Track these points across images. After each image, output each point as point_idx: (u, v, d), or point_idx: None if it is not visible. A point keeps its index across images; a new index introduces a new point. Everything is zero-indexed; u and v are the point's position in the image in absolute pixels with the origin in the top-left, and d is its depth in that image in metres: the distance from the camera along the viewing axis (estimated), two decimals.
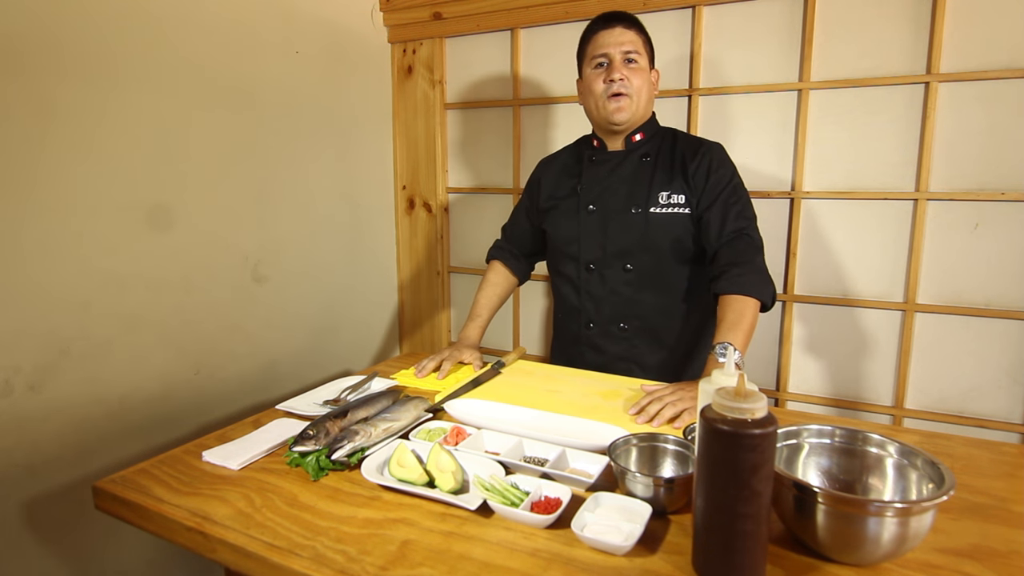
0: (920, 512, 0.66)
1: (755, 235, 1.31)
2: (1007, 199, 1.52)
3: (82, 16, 1.29)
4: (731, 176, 1.34)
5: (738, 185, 1.34)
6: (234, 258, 1.66)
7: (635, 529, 0.75)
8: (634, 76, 1.32)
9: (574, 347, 1.48)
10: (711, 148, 1.36)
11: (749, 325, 1.18)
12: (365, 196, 2.17)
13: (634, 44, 1.32)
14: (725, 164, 1.35)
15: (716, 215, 1.30)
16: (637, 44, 1.33)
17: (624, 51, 1.32)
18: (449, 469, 0.87)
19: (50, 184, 1.26)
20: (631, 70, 1.32)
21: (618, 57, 1.32)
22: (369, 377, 1.30)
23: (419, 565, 0.72)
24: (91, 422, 1.35)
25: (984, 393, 1.60)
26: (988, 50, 1.50)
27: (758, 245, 1.30)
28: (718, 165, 1.33)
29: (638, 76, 1.33)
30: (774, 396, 1.82)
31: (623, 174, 1.39)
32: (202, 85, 1.54)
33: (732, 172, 1.35)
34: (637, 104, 1.33)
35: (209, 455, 0.99)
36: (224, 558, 0.80)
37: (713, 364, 1.15)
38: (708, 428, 0.67)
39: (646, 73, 1.35)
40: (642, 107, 1.35)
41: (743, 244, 1.27)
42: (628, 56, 1.32)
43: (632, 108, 1.33)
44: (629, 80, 1.31)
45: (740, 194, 1.33)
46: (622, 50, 1.32)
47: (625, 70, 1.31)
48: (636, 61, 1.33)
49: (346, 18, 2.02)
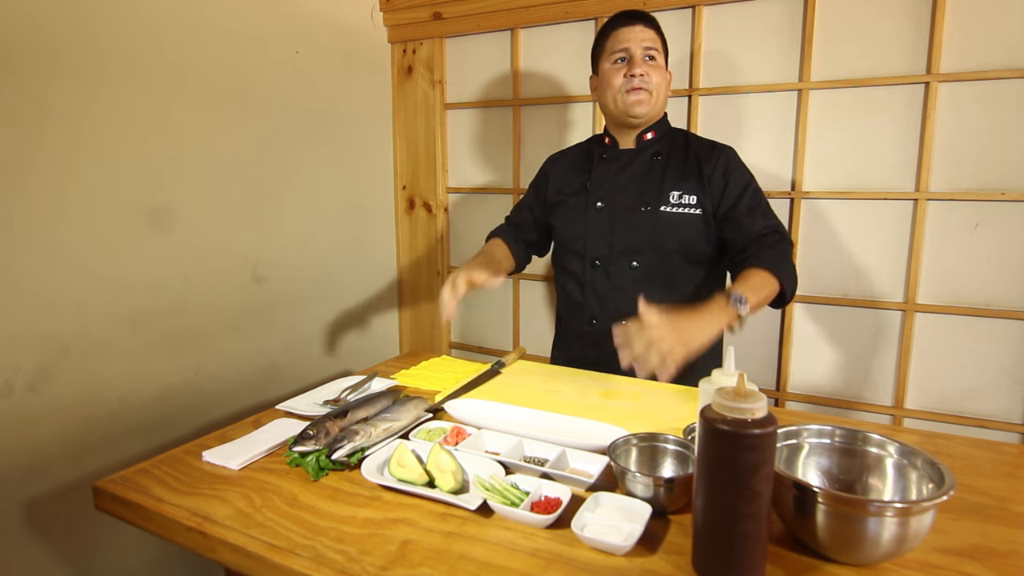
0: (920, 512, 0.66)
1: (785, 233, 1.31)
2: (1007, 199, 1.52)
3: (80, 16, 1.29)
4: (750, 178, 1.35)
5: (758, 188, 1.35)
6: (234, 258, 1.66)
7: (635, 529, 0.75)
8: (654, 73, 1.34)
9: (576, 344, 1.48)
10: (726, 151, 1.37)
11: (763, 300, 1.14)
12: (365, 196, 2.17)
13: (654, 42, 1.34)
14: (741, 167, 1.36)
15: (745, 215, 1.30)
16: (656, 43, 1.35)
17: (645, 47, 1.33)
18: (449, 469, 0.87)
19: (49, 184, 1.26)
20: (651, 67, 1.34)
21: (639, 53, 1.33)
22: (369, 377, 1.30)
23: (419, 565, 0.72)
24: (91, 422, 1.35)
25: (984, 393, 1.60)
26: (988, 50, 1.50)
27: (789, 240, 1.30)
28: (735, 168, 1.35)
29: (657, 73, 1.34)
30: (774, 396, 1.82)
31: (634, 172, 1.39)
32: (202, 85, 1.54)
33: (751, 175, 1.36)
34: (656, 100, 1.35)
35: (209, 455, 0.99)
36: (224, 558, 0.80)
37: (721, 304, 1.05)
38: (708, 428, 0.67)
39: (663, 71, 1.37)
40: (659, 104, 1.37)
41: (777, 237, 1.27)
42: (648, 53, 1.33)
43: (651, 103, 1.34)
44: (649, 76, 1.33)
45: (760, 196, 1.34)
46: (643, 46, 1.33)
47: (645, 66, 1.33)
48: (655, 59, 1.35)
49: (346, 18, 2.02)
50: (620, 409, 1.15)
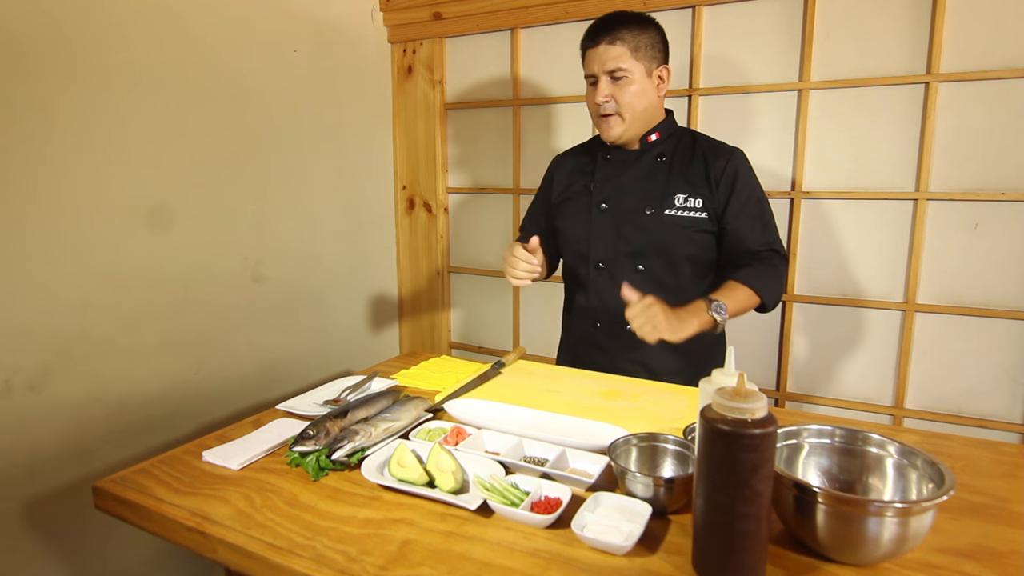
0: (920, 512, 0.66)
1: (782, 249, 1.33)
2: (1007, 199, 1.52)
3: (81, 17, 1.29)
4: (756, 186, 1.34)
5: (763, 196, 1.34)
6: (234, 258, 1.66)
7: (635, 529, 0.75)
8: (621, 93, 1.29)
9: (581, 347, 1.47)
10: (735, 154, 1.34)
11: (741, 310, 1.25)
12: (365, 196, 2.17)
13: (618, 59, 1.28)
14: (750, 173, 1.34)
15: (745, 227, 1.30)
16: (622, 58, 1.28)
17: (607, 69, 1.28)
18: (449, 469, 0.87)
19: (50, 184, 1.26)
20: (617, 87, 1.29)
21: (603, 77, 1.29)
22: (369, 377, 1.30)
23: (419, 565, 0.72)
24: (91, 422, 1.35)
25: (984, 393, 1.60)
26: (988, 50, 1.50)
27: (785, 257, 1.33)
28: (743, 173, 1.33)
29: (626, 92, 1.29)
30: (774, 396, 1.82)
31: (637, 173, 1.37)
32: (202, 85, 1.54)
33: (756, 182, 1.34)
34: (630, 118, 1.31)
35: (209, 455, 0.99)
36: (224, 558, 0.80)
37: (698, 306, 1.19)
38: (708, 428, 0.67)
39: (638, 84, 1.30)
40: (637, 119, 1.32)
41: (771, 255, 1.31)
42: (613, 73, 1.29)
43: (623, 125, 1.31)
44: (615, 99, 1.29)
45: (765, 206, 1.33)
46: (605, 69, 1.28)
47: (609, 88, 1.29)
48: (623, 76, 1.29)
49: (346, 18, 2.02)
50: (620, 409, 1.15)
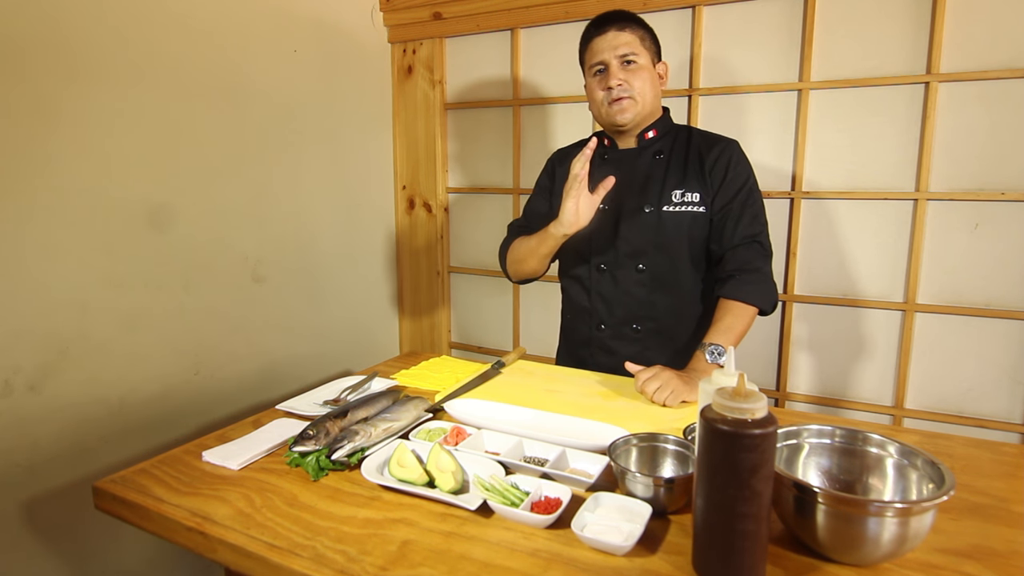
0: (920, 512, 0.66)
1: (766, 242, 1.30)
2: (1007, 199, 1.52)
3: (81, 18, 1.29)
4: (747, 177, 1.32)
5: (754, 187, 1.32)
6: (234, 258, 1.66)
7: (635, 529, 0.75)
8: (634, 78, 1.29)
9: (584, 349, 1.46)
10: (729, 144, 1.34)
11: (742, 332, 1.24)
12: (365, 196, 2.17)
13: (629, 45, 1.29)
14: (743, 163, 1.33)
15: (730, 218, 1.29)
16: (633, 44, 1.30)
17: (619, 55, 1.29)
18: (449, 469, 0.87)
19: (50, 184, 1.26)
20: (629, 72, 1.29)
21: (614, 62, 1.29)
22: (369, 377, 1.30)
23: (419, 565, 0.72)
24: (91, 422, 1.35)
25: (984, 393, 1.60)
26: (988, 50, 1.50)
27: (768, 252, 1.30)
28: (736, 163, 1.31)
29: (638, 77, 1.30)
30: (774, 396, 1.82)
31: (636, 172, 1.37)
32: (202, 85, 1.54)
33: (749, 173, 1.33)
34: (642, 104, 1.31)
35: (209, 455, 0.99)
36: (224, 558, 0.79)
37: (699, 360, 1.21)
38: (708, 428, 0.67)
39: (647, 71, 1.31)
40: (647, 106, 1.32)
41: (753, 252, 1.27)
42: (625, 58, 1.29)
43: (636, 108, 1.31)
44: (628, 83, 1.29)
45: (755, 197, 1.32)
46: (617, 54, 1.29)
47: (623, 73, 1.29)
48: (634, 61, 1.30)
49: (346, 18, 2.02)
50: (620, 409, 1.15)
